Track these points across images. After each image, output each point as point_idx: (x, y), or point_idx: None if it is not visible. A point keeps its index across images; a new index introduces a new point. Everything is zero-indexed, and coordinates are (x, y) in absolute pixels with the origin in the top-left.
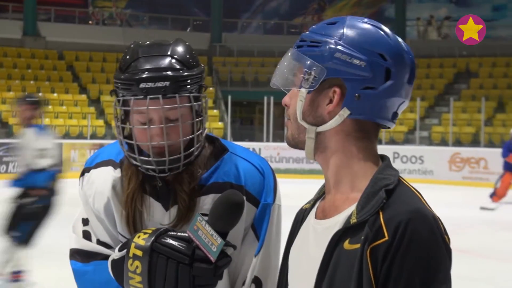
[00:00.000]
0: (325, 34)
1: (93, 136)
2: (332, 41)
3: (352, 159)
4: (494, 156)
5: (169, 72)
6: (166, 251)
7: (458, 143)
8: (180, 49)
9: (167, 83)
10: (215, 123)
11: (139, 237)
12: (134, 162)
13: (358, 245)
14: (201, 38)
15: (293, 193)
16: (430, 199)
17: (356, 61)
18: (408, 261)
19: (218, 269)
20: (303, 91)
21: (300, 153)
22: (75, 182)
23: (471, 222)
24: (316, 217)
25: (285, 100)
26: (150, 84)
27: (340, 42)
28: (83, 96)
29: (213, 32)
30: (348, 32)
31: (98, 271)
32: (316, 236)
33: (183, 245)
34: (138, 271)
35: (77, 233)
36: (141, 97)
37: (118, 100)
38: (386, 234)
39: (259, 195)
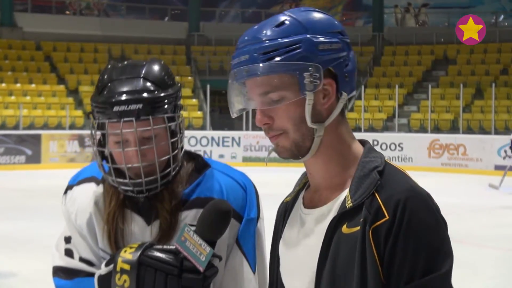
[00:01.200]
0: (290, 35)
1: (72, 127)
2: (306, 37)
3: (343, 145)
4: (473, 143)
5: (143, 94)
6: (154, 264)
7: (437, 130)
8: (154, 69)
9: (140, 105)
10: (194, 113)
11: (125, 251)
12: (112, 184)
13: (357, 228)
14: (179, 28)
15: (273, 181)
16: None
17: (336, 45)
18: (412, 238)
19: (207, 279)
20: (310, 94)
21: None
22: (53, 173)
23: (451, 208)
24: (305, 207)
25: (264, 119)
26: (123, 107)
27: (311, 35)
28: (61, 87)
29: (191, 21)
30: (307, 24)
31: (81, 286)
32: (310, 225)
33: (170, 257)
34: (126, 285)
35: (60, 251)
36: (115, 120)
37: (95, 123)
38: (386, 214)
39: (242, 210)
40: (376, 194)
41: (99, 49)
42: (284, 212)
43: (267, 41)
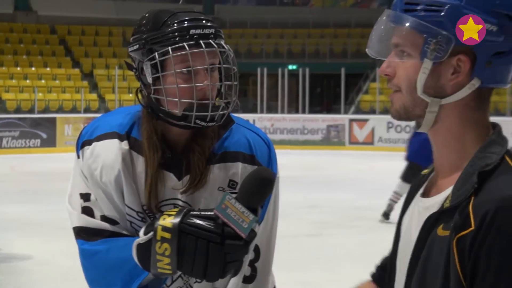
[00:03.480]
0: None
1: (87, 110)
2: (455, 3)
3: (465, 133)
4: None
5: (209, 22)
6: (195, 232)
7: None
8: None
9: (212, 30)
10: None
11: (164, 219)
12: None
13: (448, 232)
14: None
15: (287, 163)
16: None
17: (488, 26)
18: (495, 257)
19: (248, 244)
20: (428, 62)
21: (294, 125)
22: (68, 156)
23: None
24: (424, 191)
25: (386, 70)
26: (199, 31)
27: (465, 4)
28: (76, 70)
29: (205, 3)
30: None
31: (112, 250)
32: (418, 216)
33: (211, 224)
34: (167, 253)
35: (77, 209)
36: (193, 42)
37: (164, 53)
38: (472, 223)
39: (267, 165)
40: (472, 199)
41: (114, 32)
42: (418, 185)
43: None
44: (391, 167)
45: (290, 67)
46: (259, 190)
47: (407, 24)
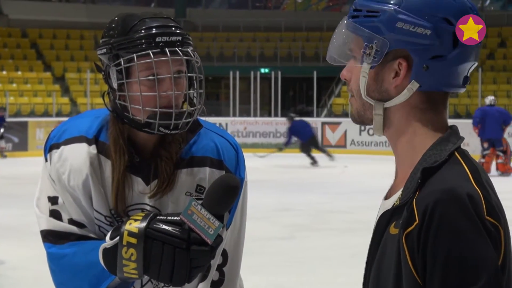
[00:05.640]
0: (382, 1)
1: (59, 114)
2: (392, 9)
3: (415, 133)
4: (460, 127)
5: (178, 29)
6: (161, 237)
7: None
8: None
9: (179, 38)
10: None
11: (130, 224)
12: (139, 122)
13: (398, 230)
14: (165, 13)
15: (260, 166)
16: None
17: (420, 30)
18: (440, 249)
19: (214, 250)
20: (366, 66)
21: (267, 128)
22: (40, 160)
23: None
24: (385, 196)
25: (344, 74)
26: (165, 38)
27: (400, 9)
28: (48, 74)
29: (177, 7)
30: None
31: (78, 254)
32: (377, 216)
33: (177, 229)
34: (133, 258)
35: (45, 213)
36: (158, 50)
37: (129, 60)
38: (416, 217)
39: (234, 170)
40: (417, 194)
41: (85, 36)
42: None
43: (365, 0)
44: (363, 169)
45: (263, 70)
46: (225, 198)
47: (350, 29)
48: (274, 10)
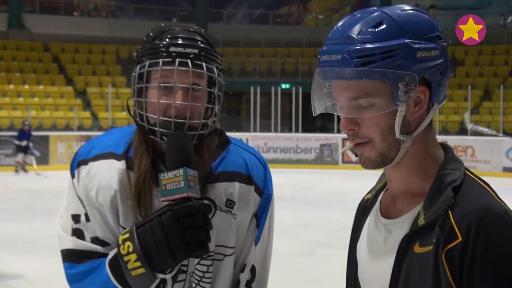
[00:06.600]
0: (388, 38)
1: (80, 128)
2: (404, 42)
3: (426, 156)
4: (481, 145)
5: (198, 42)
6: (147, 220)
7: (445, 131)
8: (203, 31)
9: (196, 51)
10: None
11: (122, 234)
12: (151, 128)
13: (429, 247)
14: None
15: (281, 182)
16: None
17: (434, 52)
18: (490, 265)
19: (200, 207)
20: (403, 104)
21: (288, 143)
22: (61, 174)
23: None
24: (382, 213)
25: (349, 125)
26: (180, 49)
27: (410, 40)
28: (69, 88)
29: (198, 22)
30: (406, 26)
31: (97, 271)
32: (385, 236)
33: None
34: (131, 249)
35: (67, 232)
36: (170, 59)
37: (143, 67)
38: (459, 235)
39: (262, 185)
40: (450, 212)
41: (107, 50)
42: (364, 210)
43: (363, 44)
44: None
45: (283, 86)
46: (178, 154)
47: (373, 76)
48: (295, 26)
